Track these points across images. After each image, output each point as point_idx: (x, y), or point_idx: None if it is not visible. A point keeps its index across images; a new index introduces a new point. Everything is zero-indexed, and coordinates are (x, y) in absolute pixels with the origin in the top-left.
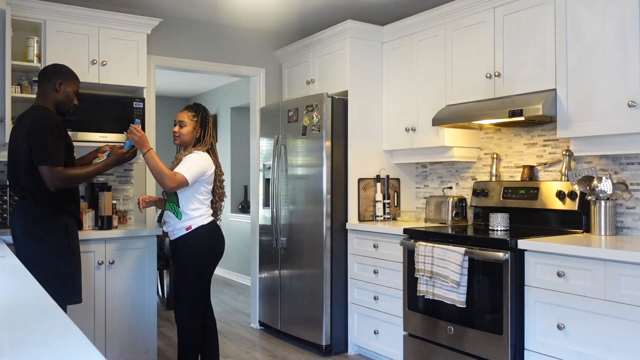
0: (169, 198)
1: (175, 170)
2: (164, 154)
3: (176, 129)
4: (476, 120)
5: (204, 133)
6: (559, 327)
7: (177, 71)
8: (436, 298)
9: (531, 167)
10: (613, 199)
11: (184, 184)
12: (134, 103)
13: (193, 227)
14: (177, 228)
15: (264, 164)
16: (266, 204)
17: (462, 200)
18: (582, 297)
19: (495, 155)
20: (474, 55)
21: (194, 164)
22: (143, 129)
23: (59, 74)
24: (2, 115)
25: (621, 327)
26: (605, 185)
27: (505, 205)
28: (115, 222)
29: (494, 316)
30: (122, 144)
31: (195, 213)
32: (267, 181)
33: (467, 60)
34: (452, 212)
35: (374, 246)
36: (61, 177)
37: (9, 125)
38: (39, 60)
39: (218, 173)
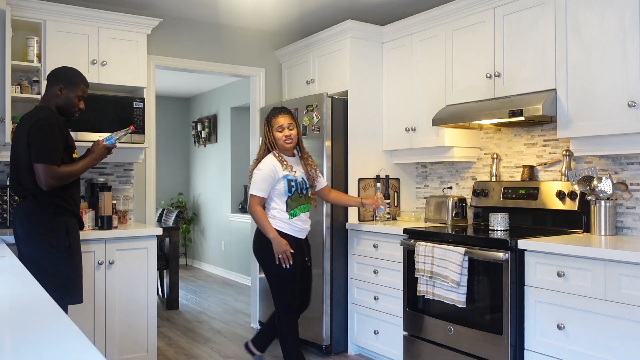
0: (312, 200)
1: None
2: (166, 154)
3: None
4: (476, 120)
5: None
6: (559, 327)
7: (177, 71)
8: (436, 298)
9: (531, 167)
10: (613, 199)
11: None
12: (134, 103)
13: None
14: (310, 225)
15: None
16: None
17: (462, 200)
18: (582, 297)
19: (495, 155)
20: (474, 55)
21: None
22: (142, 129)
23: (63, 79)
24: (2, 115)
25: (621, 327)
26: (605, 185)
27: (505, 205)
28: (115, 222)
29: (494, 316)
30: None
31: None
32: None
33: (467, 60)
34: (452, 212)
35: (374, 246)
36: (56, 175)
37: (9, 125)
38: (39, 60)
39: None
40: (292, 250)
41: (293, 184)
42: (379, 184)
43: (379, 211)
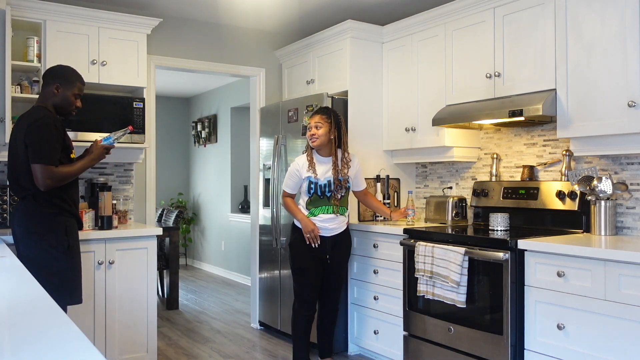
0: (342, 202)
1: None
2: (166, 154)
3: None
4: (476, 120)
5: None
6: (559, 327)
7: (177, 71)
8: (436, 298)
9: (531, 167)
10: (613, 199)
11: None
12: (134, 103)
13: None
14: (342, 224)
15: (264, 164)
16: (266, 204)
17: (462, 200)
18: (582, 297)
19: (495, 155)
20: (474, 55)
21: None
22: (142, 129)
23: (59, 77)
24: (2, 115)
25: (621, 327)
26: (605, 185)
27: (505, 205)
28: (115, 222)
29: (494, 316)
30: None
31: None
32: (267, 181)
33: (467, 60)
34: (452, 212)
35: (374, 246)
36: (53, 176)
37: (9, 125)
38: (39, 60)
39: None
40: (320, 232)
41: (312, 186)
42: (411, 191)
43: (410, 216)
